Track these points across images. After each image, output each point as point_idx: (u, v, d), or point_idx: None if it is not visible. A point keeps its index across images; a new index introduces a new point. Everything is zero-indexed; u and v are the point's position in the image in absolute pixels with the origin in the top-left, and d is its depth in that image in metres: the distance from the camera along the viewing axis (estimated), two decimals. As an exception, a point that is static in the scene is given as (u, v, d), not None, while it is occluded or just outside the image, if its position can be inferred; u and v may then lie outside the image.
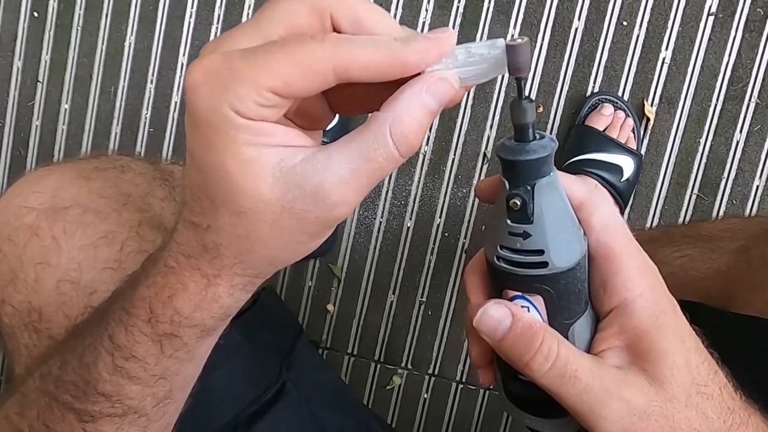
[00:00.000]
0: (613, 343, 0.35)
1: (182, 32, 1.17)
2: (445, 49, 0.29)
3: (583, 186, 0.35)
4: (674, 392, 0.33)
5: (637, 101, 1.09)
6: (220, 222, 0.30)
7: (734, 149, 1.09)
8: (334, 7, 0.29)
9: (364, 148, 0.29)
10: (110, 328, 0.34)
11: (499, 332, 0.34)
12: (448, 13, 1.12)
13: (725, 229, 0.70)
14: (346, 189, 0.29)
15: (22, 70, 1.20)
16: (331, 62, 0.27)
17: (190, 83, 0.28)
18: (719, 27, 1.07)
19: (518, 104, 0.32)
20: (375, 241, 1.16)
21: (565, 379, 0.33)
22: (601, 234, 0.34)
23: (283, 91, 0.27)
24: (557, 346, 0.33)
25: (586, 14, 1.09)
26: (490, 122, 1.12)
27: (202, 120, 0.28)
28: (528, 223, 0.33)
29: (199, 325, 0.33)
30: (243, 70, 0.27)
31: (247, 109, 0.27)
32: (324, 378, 0.69)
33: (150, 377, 0.35)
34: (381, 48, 0.28)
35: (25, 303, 0.49)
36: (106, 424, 0.36)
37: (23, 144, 1.22)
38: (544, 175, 0.33)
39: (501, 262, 0.35)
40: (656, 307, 0.34)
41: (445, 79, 0.30)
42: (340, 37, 0.28)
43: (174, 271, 0.32)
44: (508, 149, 0.33)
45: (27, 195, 0.51)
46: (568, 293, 0.35)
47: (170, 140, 1.20)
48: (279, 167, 0.29)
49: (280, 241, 0.30)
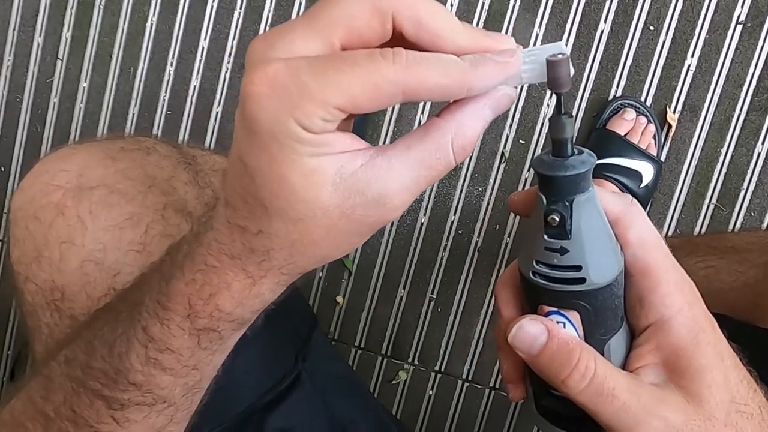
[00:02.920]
0: (649, 360, 0.34)
1: (204, 16, 1.17)
2: (512, 73, 0.29)
3: (620, 201, 0.34)
4: (713, 411, 0.33)
5: (660, 107, 1.09)
6: (274, 228, 0.29)
7: (755, 161, 1.08)
8: (395, 8, 0.28)
9: (425, 157, 0.29)
10: (144, 320, 0.34)
11: (535, 348, 0.33)
12: (473, 8, 1.11)
13: (753, 242, 0.69)
14: (406, 194, 0.30)
15: (43, 46, 1.20)
16: (401, 85, 0.27)
17: (252, 93, 0.27)
18: (747, 36, 1.06)
19: (557, 119, 0.32)
20: (388, 235, 1.15)
21: (602, 397, 0.32)
22: (638, 249, 0.34)
23: (351, 109, 0.27)
24: (594, 363, 0.33)
25: (613, 17, 1.08)
26: (509, 121, 1.12)
27: (264, 132, 0.28)
28: (566, 238, 0.33)
29: (238, 319, 0.33)
30: (313, 88, 0.27)
31: (313, 125, 0.27)
32: (338, 369, 0.69)
33: (183, 368, 0.35)
34: (450, 72, 0.28)
35: (49, 281, 0.49)
36: (135, 412, 0.36)
37: (40, 120, 1.21)
38: (583, 191, 0.32)
39: (537, 277, 0.34)
40: (695, 324, 0.33)
41: (509, 95, 0.30)
42: (410, 59, 0.27)
43: (216, 270, 0.31)
44: (546, 164, 0.32)
45: (54, 173, 0.51)
46: (605, 309, 0.34)
47: (187, 124, 1.19)
48: (339, 174, 0.28)
49: (333, 242, 0.30)
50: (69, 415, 0.37)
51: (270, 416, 0.57)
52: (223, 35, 1.17)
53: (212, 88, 1.18)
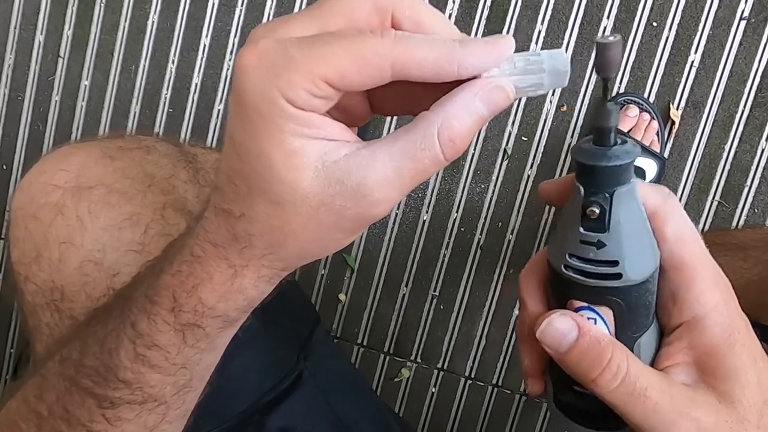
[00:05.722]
0: (680, 359, 0.33)
1: (205, 14, 1.16)
2: (503, 54, 0.29)
3: (657, 193, 0.33)
4: (745, 412, 0.32)
5: (663, 104, 1.08)
6: (255, 211, 0.29)
7: (759, 157, 1.07)
8: (396, 6, 0.28)
9: (410, 148, 0.28)
10: (133, 315, 0.34)
11: (564, 345, 0.32)
12: (475, 5, 1.10)
13: (758, 239, 0.69)
14: (388, 187, 0.29)
15: (44, 44, 1.20)
16: (389, 58, 0.27)
17: (241, 66, 0.28)
18: (751, 32, 1.05)
19: (603, 106, 0.30)
20: (390, 232, 1.15)
21: (633, 397, 0.32)
22: (674, 245, 0.33)
23: (338, 83, 0.27)
24: (627, 362, 0.32)
25: (616, 13, 1.08)
26: (511, 119, 1.11)
27: (250, 104, 0.27)
28: (603, 232, 0.31)
29: (222, 316, 0.33)
30: (298, 58, 0.26)
31: (298, 98, 0.27)
32: (341, 368, 0.69)
33: (171, 366, 0.34)
34: (438, 47, 0.27)
35: (49, 281, 0.49)
36: (126, 411, 0.36)
37: (42, 119, 1.21)
38: (625, 182, 0.31)
39: (570, 271, 0.33)
40: (730, 323, 0.32)
41: (501, 87, 0.29)
42: (400, 34, 0.27)
43: (200, 260, 0.31)
44: (587, 153, 0.31)
45: (53, 173, 0.51)
46: (639, 306, 0.33)
47: (189, 122, 1.19)
48: (322, 161, 0.28)
49: (313, 235, 0.30)
50: (62, 414, 0.36)
51: (271, 415, 0.57)
52: (224, 33, 1.17)
53: (214, 85, 1.18)
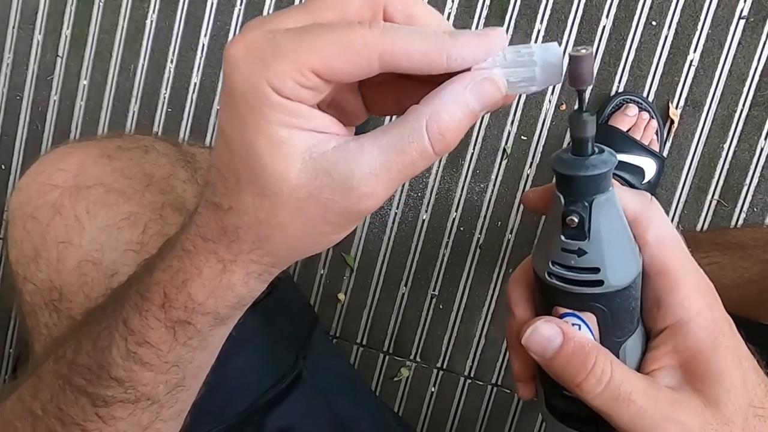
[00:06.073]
0: (665, 363, 0.33)
1: (204, 13, 1.16)
2: (493, 46, 0.28)
3: (639, 199, 0.33)
4: (731, 415, 0.32)
5: (662, 103, 1.08)
6: (243, 203, 0.29)
7: (758, 156, 1.07)
8: (388, 0, 0.28)
9: (398, 141, 0.28)
10: (125, 312, 0.34)
11: (549, 351, 0.33)
12: (474, 3, 1.10)
13: (758, 238, 0.69)
14: (375, 181, 0.28)
15: (42, 43, 1.20)
16: (377, 48, 0.27)
17: (230, 56, 0.27)
18: (750, 31, 1.05)
19: (578, 117, 0.30)
20: (389, 232, 1.15)
21: (618, 401, 0.32)
22: (657, 249, 0.33)
23: (325, 73, 0.27)
24: (611, 367, 0.32)
25: (615, 12, 1.07)
26: (511, 118, 1.11)
27: (238, 94, 0.27)
28: (584, 239, 0.31)
29: (212, 313, 0.33)
30: (285, 47, 0.26)
31: (285, 87, 0.27)
32: (340, 367, 0.69)
33: (163, 364, 0.34)
34: (428, 38, 0.27)
35: (47, 281, 0.49)
36: (119, 410, 0.36)
37: (40, 118, 1.21)
38: (603, 191, 0.31)
39: (553, 278, 0.33)
40: (714, 327, 0.33)
41: (491, 79, 0.28)
42: (389, 25, 0.27)
43: (190, 254, 0.31)
44: (565, 163, 0.31)
45: (51, 172, 0.51)
46: (622, 311, 0.33)
47: (188, 121, 1.19)
48: (309, 152, 0.28)
49: (301, 229, 0.30)
50: (56, 413, 0.36)
51: (271, 415, 0.57)
52: (223, 32, 1.17)
53: (213, 85, 1.18)
